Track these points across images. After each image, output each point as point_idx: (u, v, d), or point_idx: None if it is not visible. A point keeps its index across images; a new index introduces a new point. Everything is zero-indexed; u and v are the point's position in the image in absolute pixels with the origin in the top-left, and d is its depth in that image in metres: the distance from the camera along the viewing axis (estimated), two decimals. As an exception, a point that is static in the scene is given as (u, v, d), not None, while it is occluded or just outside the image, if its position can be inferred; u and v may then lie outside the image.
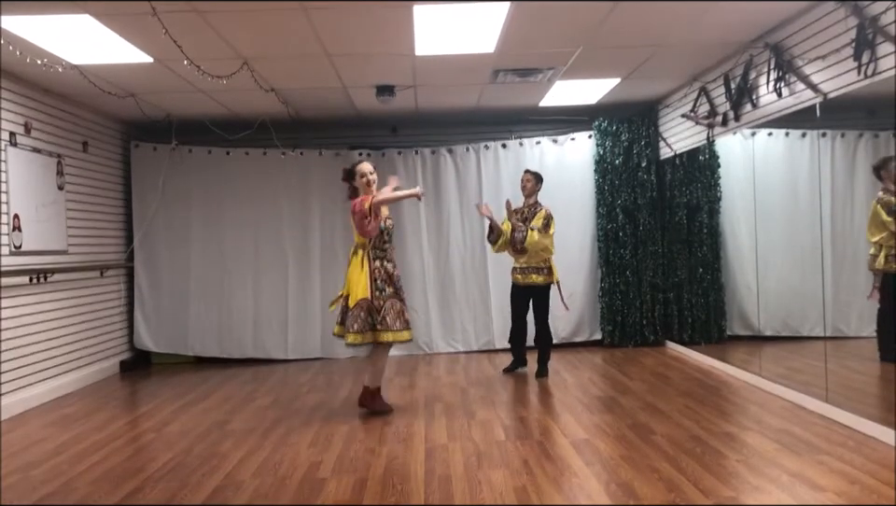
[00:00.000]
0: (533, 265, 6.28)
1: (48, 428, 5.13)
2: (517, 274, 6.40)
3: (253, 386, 6.46)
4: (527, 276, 6.31)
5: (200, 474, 3.96)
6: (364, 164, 5.29)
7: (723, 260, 7.28)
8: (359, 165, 5.27)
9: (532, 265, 6.29)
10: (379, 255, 5.09)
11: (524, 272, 6.34)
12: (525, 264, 6.31)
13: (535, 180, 6.46)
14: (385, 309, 4.97)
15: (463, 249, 7.98)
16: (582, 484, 3.60)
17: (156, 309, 7.80)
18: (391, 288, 5.06)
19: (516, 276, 6.41)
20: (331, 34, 4.95)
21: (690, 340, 7.40)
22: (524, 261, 6.32)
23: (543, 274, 6.29)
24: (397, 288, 5.12)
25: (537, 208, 6.36)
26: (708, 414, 4.88)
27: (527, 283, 6.32)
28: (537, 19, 4.82)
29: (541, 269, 6.29)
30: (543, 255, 6.25)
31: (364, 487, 3.66)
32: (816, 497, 3.31)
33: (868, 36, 4.14)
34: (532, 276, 6.29)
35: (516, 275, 6.41)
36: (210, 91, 6.35)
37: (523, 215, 6.39)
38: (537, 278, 6.28)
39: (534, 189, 6.44)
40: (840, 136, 5.45)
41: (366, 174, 5.17)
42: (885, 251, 5.24)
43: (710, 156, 7.21)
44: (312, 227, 7.95)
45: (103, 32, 4.68)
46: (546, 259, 6.28)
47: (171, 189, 7.79)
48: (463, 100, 7.25)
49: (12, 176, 5.68)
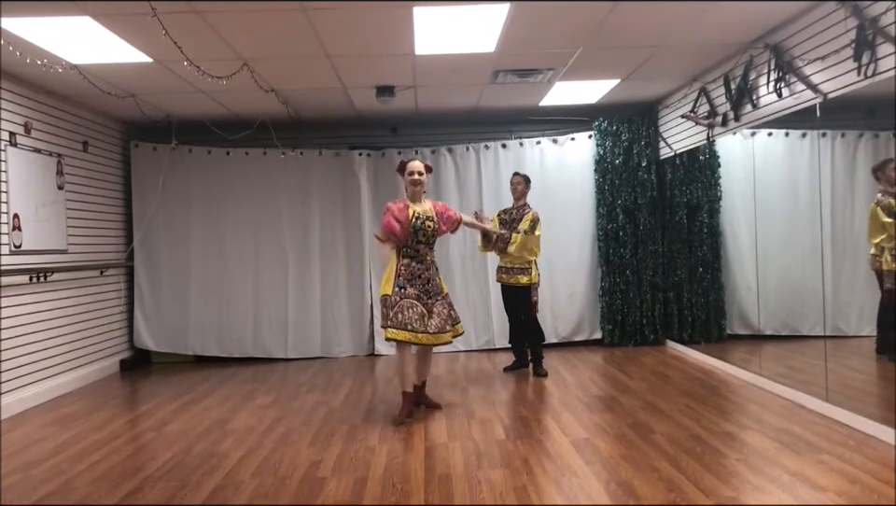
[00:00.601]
0: (517, 265, 6.34)
1: (47, 428, 5.13)
2: (502, 274, 6.47)
3: (253, 386, 6.46)
4: (512, 276, 6.38)
5: (199, 474, 3.96)
6: (415, 162, 5.12)
7: (723, 260, 7.29)
8: (410, 162, 5.15)
9: (516, 265, 6.34)
10: (410, 253, 5.00)
11: (508, 271, 6.40)
12: (510, 264, 6.37)
13: (525, 183, 6.52)
14: (398, 306, 4.84)
15: (463, 249, 7.98)
16: (582, 484, 3.60)
17: (156, 308, 7.80)
18: (413, 289, 4.91)
19: (502, 276, 6.49)
20: (331, 34, 4.95)
21: (690, 339, 7.41)
22: (507, 261, 6.38)
23: (528, 274, 6.34)
24: (422, 291, 4.94)
25: (525, 210, 6.42)
26: (708, 413, 4.88)
27: (511, 283, 6.39)
28: (537, 19, 4.83)
29: (525, 269, 6.34)
30: (527, 256, 6.31)
31: (364, 487, 3.66)
32: (816, 496, 3.31)
33: (868, 37, 4.14)
34: (517, 276, 6.35)
35: (501, 275, 6.48)
36: (210, 92, 6.36)
37: (511, 216, 6.45)
38: (521, 278, 6.33)
39: (524, 191, 6.49)
40: (840, 136, 5.46)
41: (413, 172, 5.06)
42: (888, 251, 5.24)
43: (710, 156, 7.22)
44: (312, 227, 7.96)
45: (102, 33, 4.68)
46: (529, 260, 6.34)
47: (171, 188, 7.79)
48: (463, 100, 7.25)
49: (12, 176, 5.69)
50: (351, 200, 7.98)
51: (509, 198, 6.73)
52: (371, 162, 8.01)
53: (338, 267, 8.00)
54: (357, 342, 7.98)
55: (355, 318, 7.97)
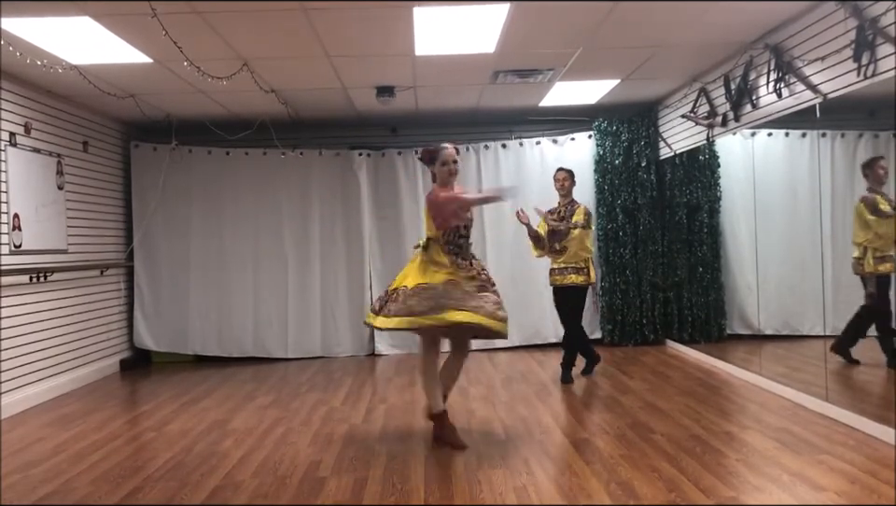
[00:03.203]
0: (572, 265, 6.01)
1: (47, 428, 5.13)
2: (555, 276, 6.11)
3: (253, 386, 6.46)
4: (566, 277, 6.03)
5: (199, 474, 3.96)
6: (449, 150, 4.49)
7: (723, 260, 7.30)
8: (444, 150, 4.48)
9: (571, 265, 6.01)
10: (454, 250, 4.39)
11: (562, 272, 6.05)
12: (564, 264, 6.03)
13: (571, 178, 6.21)
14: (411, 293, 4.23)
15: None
16: (582, 484, 3.60)
17: (156, 308, 7.80)
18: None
19: (555, 278, 6.12)
20: (331, 34, 4.95)
21: (690, 339, 7.41)
22: (562, 261, 6.04)
23: (583, 273, 6.01)
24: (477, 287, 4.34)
25: (574, 206, 6.13)
26: (708, 413, 4.88)
27: (566, 284, 6.04)
28: (537, 19, 4.82)
29: (581, 269, 6.01)
30: (583, 254, 6.00)
31: (364, 487, 3.66)
32: (816, 496, 3.31)
33: (868, 37, 4.14)
34: (571, 276, 6.01)
35: (555, 277, 6.12)
36: (210, 92, 6.35)
37: (560, 214, 6.13)
38: (576, 278, 6.00)
39: (570, 186, 6.22)
40: (840, 136, 5.46)
41: (448, 161, 4.44)
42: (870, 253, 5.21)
43: (710, 156, 7.23)
44: (312, 227, 7.96)
45: (102, 33, 4.68)
46: (585, 258, 6.03)
47: (171, 188, 7.79)
48: (463, 100, 7.25)
49: (12, 176, 5.68)
50: (351, 200, 7.98)
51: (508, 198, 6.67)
52: (370, 162, 8.01)
53: (338, 267, 8.00)
54: (357, 342, 7.98)
55: (355, 318, 7.96)
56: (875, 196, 5.20)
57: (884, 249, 5.18)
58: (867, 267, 5.22)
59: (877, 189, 5.21)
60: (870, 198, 5.22)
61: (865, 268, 5.23)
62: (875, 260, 5.20)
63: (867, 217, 5.21)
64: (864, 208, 5.24)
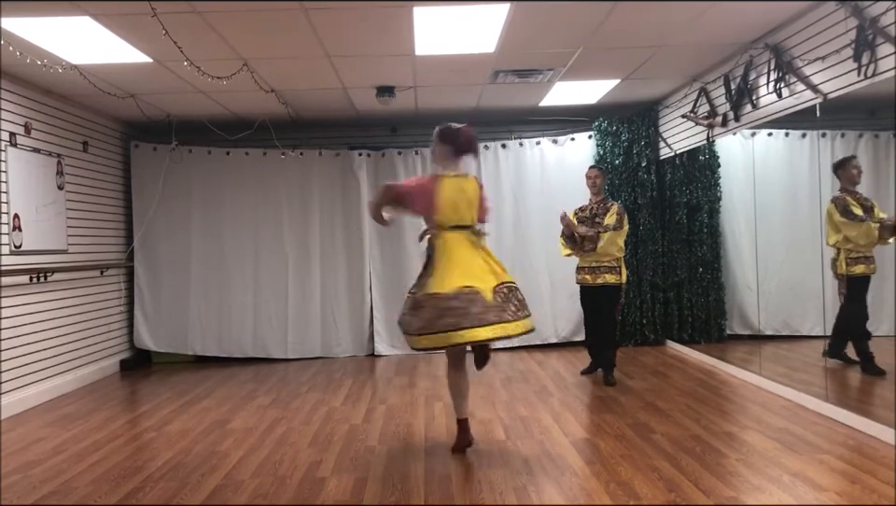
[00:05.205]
0: (605, 264, 5.93)
1: (47, 428, 5.13)
2: (586, 275, 6.04)
3: (253, 386, 6.46)
4: (599, 276, 5.95)
5: (199, 474, 3.96)
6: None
7: (723, 260, 7.30)
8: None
9: (604, 263, 5.94)
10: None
11: (593, 271, 5.98)
12: (596, 263, 5.96)
13: (603, 175, 6.20)
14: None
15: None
16: (582, 484, 3.60)
17: (156, 308, 7.80)
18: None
19: (585, 276, 6.05)
20: (331, 34, 4.95)
21: (690, 339, 7.41)
22: (593, 260, 5.97)
23: (615, 273, 5.95)
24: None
25: (607, 204, 6.07)
26: (708, 413, 4.88)
27: (599, 283, 5.96)
28: (537, 19, 4.83)
29: (613, 268, 5.94)
30: (615, 253, 5.93)
31: (364, 487, 3.66)
32: (816, 496, 3.31)
33: (868, 37, 4.14)
34: (605, 276, 5.93)
35: (585, 276, 6.05)
36: (210, 92, 6.36)
37: (591, 212, 6.07)
38: (610, 278, 5.93)
39: (602, 184, 6.16)
40: (840, 136, 5.46)
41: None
42: (843, 254, 5.17)
43: (710, 156, 7.23)
44: (312, 227, 7.95)
45: (102, 33, 4.68)
46: (618, 257, 5.97)
47: (171, 188, 7.79)
48: (463, 100, 7.25)
49: (12, 177, 5.68)
50: (351, 200, 7.97)
51: (508, 199, 6.68)
52: (370, 162, 8.00)
53: (338, 267, 8.00)
54: (357, 342, 7.98)
55: (355, 318, 7.96)
56: (846, 197, 5.15)
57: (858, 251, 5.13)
58: (839, 269, 5.18)
59: (850, 189, 5.18)
60: (841, 199, 5.17)
61: (838, 270, 5.19)
62: (847, 262, 5.15)
63: (837, 218, 5.16)
64: (834, 209, 5.19)
